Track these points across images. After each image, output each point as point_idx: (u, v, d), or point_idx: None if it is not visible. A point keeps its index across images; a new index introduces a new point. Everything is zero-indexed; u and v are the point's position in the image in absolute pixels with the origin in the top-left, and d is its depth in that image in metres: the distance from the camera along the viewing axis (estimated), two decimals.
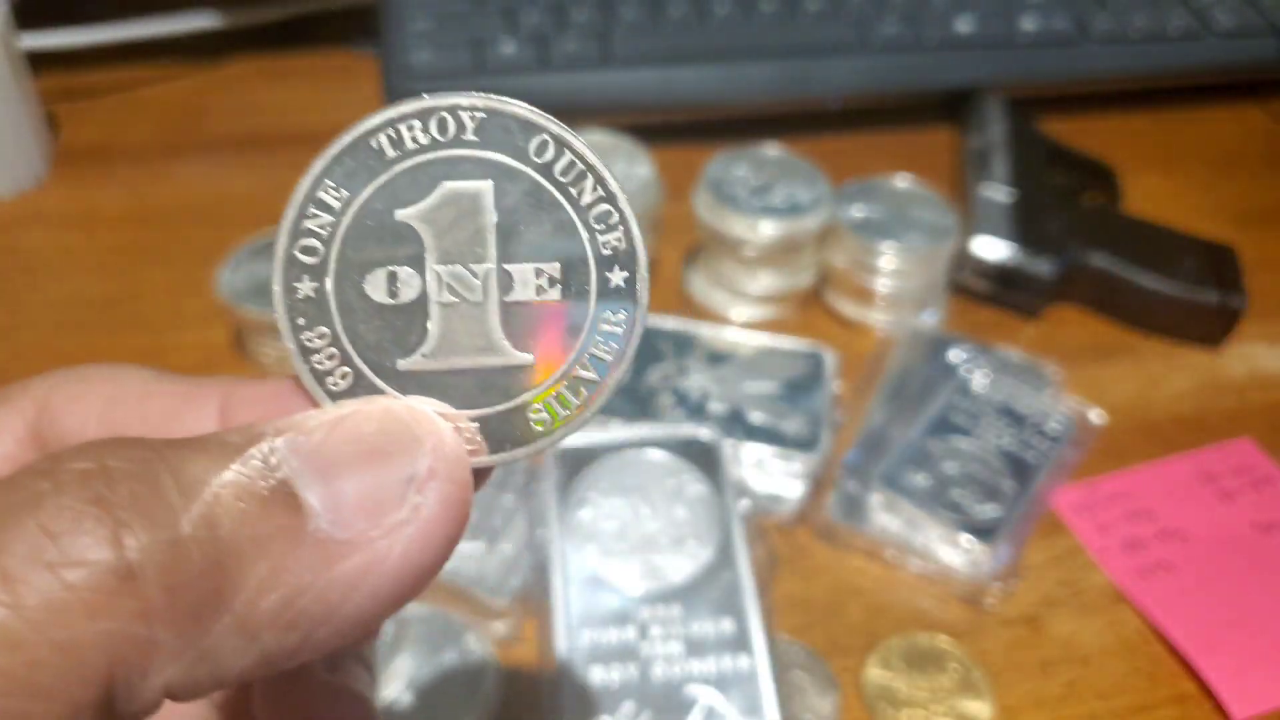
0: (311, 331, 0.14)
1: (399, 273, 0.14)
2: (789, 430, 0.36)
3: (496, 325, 0.14)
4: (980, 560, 0.33)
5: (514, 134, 0.14)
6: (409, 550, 0.12)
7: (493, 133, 0.14)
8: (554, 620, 0.29)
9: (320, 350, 0.14)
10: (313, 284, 0.14)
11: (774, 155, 0.43)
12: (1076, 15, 0.53)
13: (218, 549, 0.11)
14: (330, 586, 0.12)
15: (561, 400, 0.15)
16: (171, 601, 0.11)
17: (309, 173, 0.14)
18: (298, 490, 0.12)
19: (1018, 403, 0.38)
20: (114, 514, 0.11)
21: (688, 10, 0.51)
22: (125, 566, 0.11)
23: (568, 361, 0.15)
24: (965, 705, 0.30)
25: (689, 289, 0.43)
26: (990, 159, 0.47)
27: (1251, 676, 0.31)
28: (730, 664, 0.29)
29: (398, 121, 0.14)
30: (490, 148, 0.14)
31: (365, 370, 0.14)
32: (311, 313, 0.14)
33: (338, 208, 0.14)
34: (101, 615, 0.10)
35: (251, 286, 0.37)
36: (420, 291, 0.14)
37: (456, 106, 0.14)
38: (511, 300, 0.14)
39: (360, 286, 0.14)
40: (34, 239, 0.44)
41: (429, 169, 0.14)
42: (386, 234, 0.14)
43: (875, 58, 0.51)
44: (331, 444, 0.12)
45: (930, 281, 0.42)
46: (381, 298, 0.14)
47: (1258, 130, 0.56)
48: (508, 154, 0.14)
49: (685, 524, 0.32)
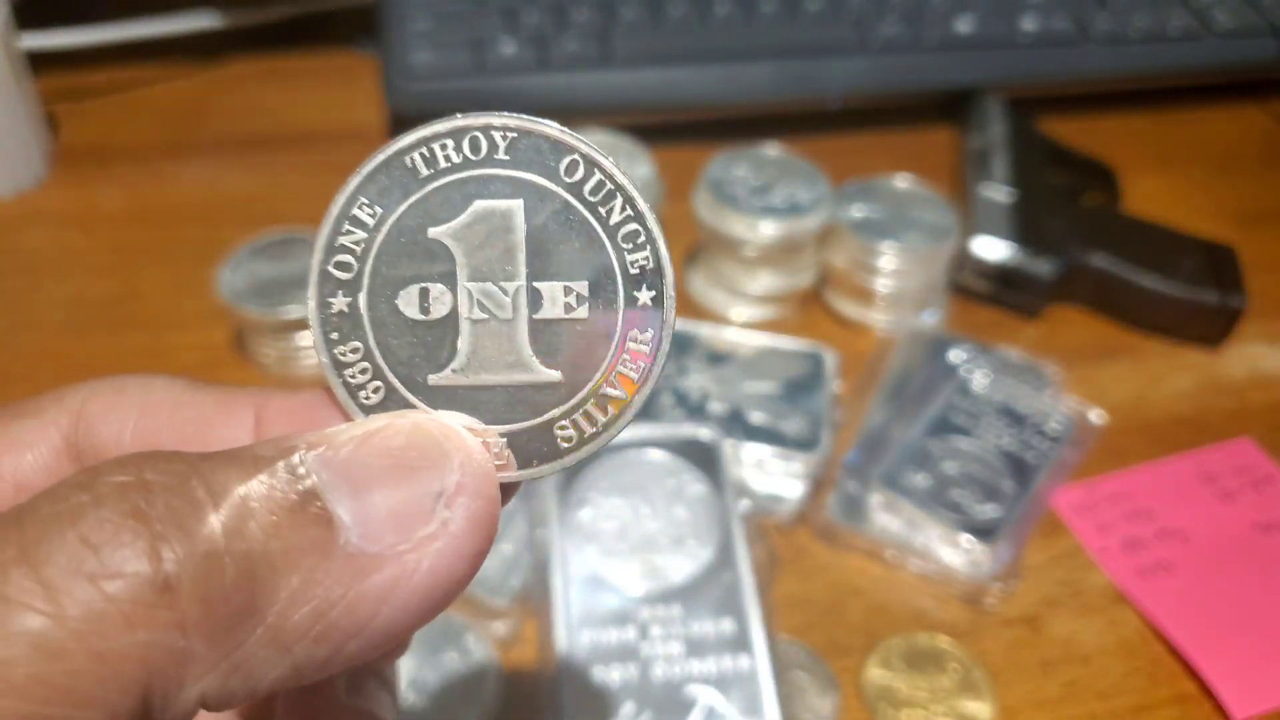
0: (345, 346, 0.15)
1: (431, 289, 0.15)
2: (789, 430, 0.36)
3: (525, 342, 0.15)
4: (980, 560, 0.33)
5: (545, 154, 0.14)
6: (437, 565, 0.12)
7: (524, 152, 0.14)
8: (554, 620, 0.29)
9: (353, 364, 0.15)
10: (346, 299, 0.15)
11: (774, 155, 0.43)
12: (1076, 15, 0.53)
13: (251, 561, 0.11)
14: (360, 600, 0.12)
15: (588, 417, 0.15)
16: (207, 613, 0.11)
17: (344, 189, 0.14)
18: (328, 504, 0.12)
19: (1018, 403, 0.38)
20: (151, 527, 0.11)
21: (688, 10, 0.51)
22: (162, 579, 0.11)
23: (595, 379, 0.15)
24: (965, 705, 0.30)
25: (689, 289, 0.43)
26: (990, 159, 0.47)
27: (1251, 676, 0.31)
28: (730, 664, 0.29)
29: (431, 140, 0.14)
30: (521, 167, 0.14)
31: (397, 385, 0.15)
32: (345, 327, 0.15)
33: (371, 224, 0.14)
34: (140, 626, 0.11)
35: (252, 286, 0.37)
36: (451, 308, 0.15)
37: (489, 126, 0.14)
38: (540, 317, 0.15)
39: (393, 302, 0.15)
40: (34, 239, 0.44)
41: (461, 187, 0.14)
42: (419, 251, 0.14)
43: (875, 58, 0.51)
44: (361, 458, 0.13)
45: (930, 281, 0.42)
46: (414, 314, 0.15)
47: (1257, 130, 0.56)
48: (538, 173, 0.14)
49: (685, 524, 0.32)
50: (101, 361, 0.39)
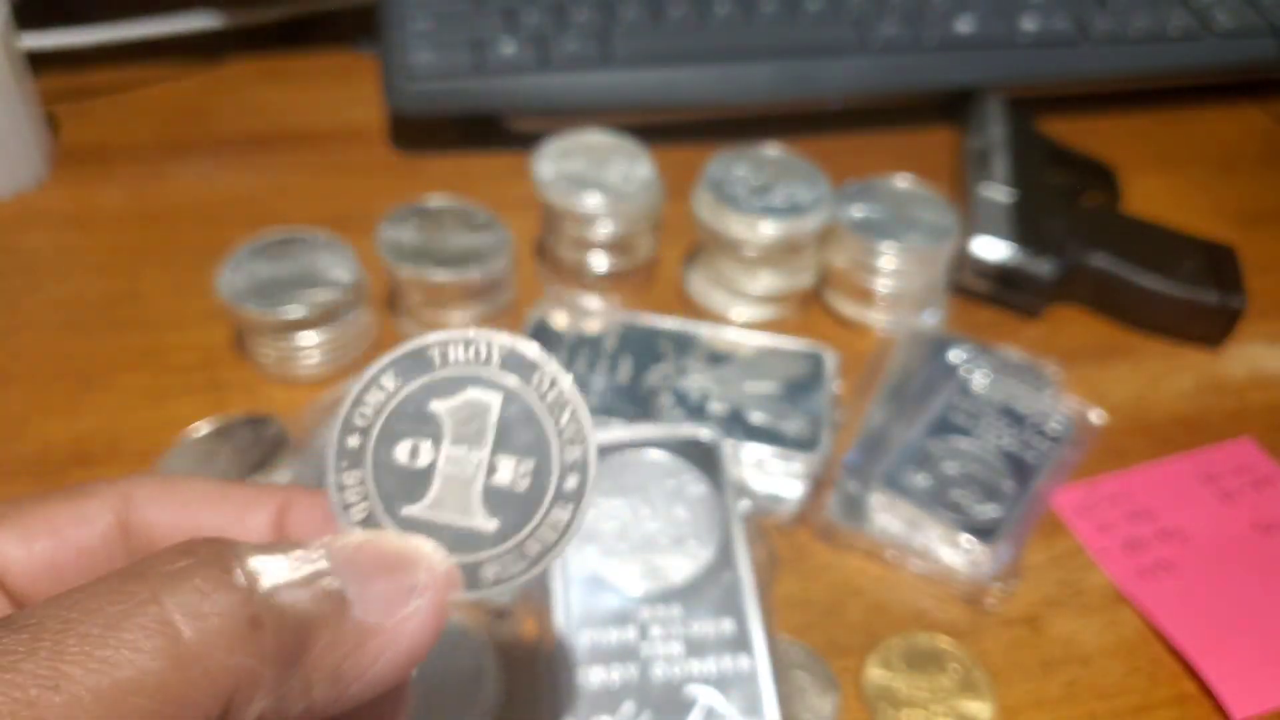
0: (349, 474, 0.19)
1: (421, 445, 0.19)
2: (789, 430, 0.36)
3: (478, 498, 0.19)
4: (980, 560, 0.33)
5: (524, 367, 0.20)
6: (412, 634, 0.18)
7: (511, 363, 0.20)
8: (554, 620, 0.29)
9: (351, 488, 0.19)
10: (358, 440, 0.19)
11: (774, 155, 0.43)
12: (1076, 16, 0.53)
13: (299, 619, 0.16)
14: (362, 654, 0.17)
15: (510, 563, 0.19)
16: (278, 649, 0.15)
17: (380, 360, 0.20)
18: (344, 588, 0.17)
19: (1018, 403, 0.38)
20: (240, 582, 0.15)
21: (688, 11, 0.51)
22: (255, 617, 0.15)
23: (520, 536, 0.19)
24: (966, 705, 0.30)
25: (689, 289, 0.43)
26: (990, 159, 0.47)
27: (1252, 676, 0.31)
28: (730, 664, 0.29)
29: (449, 343, 0.20)
30: (507, 372, 0.20)
31: (380, 509, 0.19)
32: (352, 460, 0.19)
33: (391, 390, 0.20)
34: (237, 651, 0.15)
35: (252, 286, 0.37)
36: (431, 461, 0.19)
37: (491, 341, 0.20)
38: (492, 482, 0.19)
39: (391, 449, 0.19)
40: (34, 239, 0.44)
41: (461, 379, 0.20)
42: (420, 417, 0.20)
43: (875, 58, 0.51)
44: (363, 557, 0.18)
45: (930, 282, 0.42)
46: (404, 460, 0.19)
47: (1258, 130, 0.56)
48: (517, 380, 0.20)
49: (685, 524, 0.32)
50: (101, 361, 0.39)
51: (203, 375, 0.39)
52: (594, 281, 0.42)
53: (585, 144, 0.42)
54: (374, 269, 0.40)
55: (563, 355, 0.39)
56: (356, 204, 0.46)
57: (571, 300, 0.41)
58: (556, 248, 0.42)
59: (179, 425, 0.36)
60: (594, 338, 0.39)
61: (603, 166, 0.41)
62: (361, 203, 0.46)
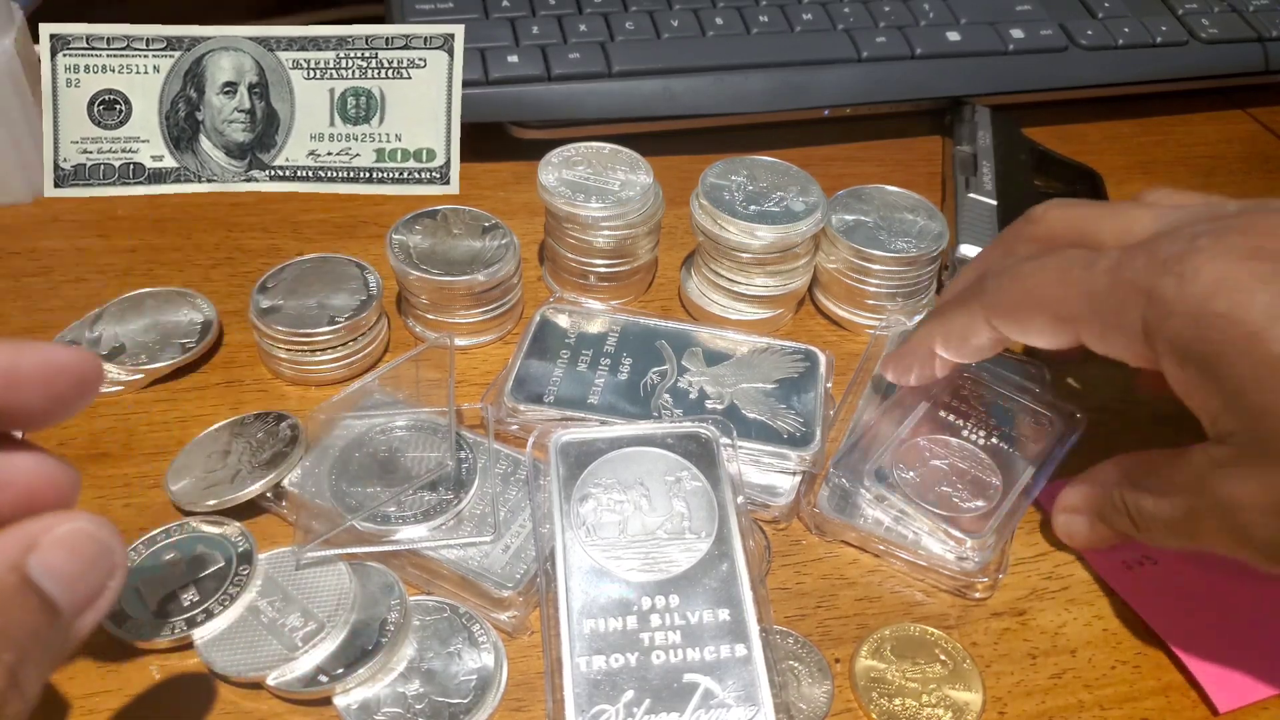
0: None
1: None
2: (783, 428, 0.37)
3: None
4: (969, 554, 0.34)
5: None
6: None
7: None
8: (558, 610, 0.30)
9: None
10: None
11: (769, 163, 0.44)
12: (1065, 25, 0.54)
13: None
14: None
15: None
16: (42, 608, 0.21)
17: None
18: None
19: (1007, 400, 0.39)
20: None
21: (687, 24, 0.52)
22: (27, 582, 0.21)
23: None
24: (955, 695, 0.31)
25: (687, 292, 0.44)
26: (977, 166, 0.48)
27: (1235, 668, 0.32)
28: (727, 652, 0.29)
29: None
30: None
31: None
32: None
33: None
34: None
35: (274, 306, 0.38)
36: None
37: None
38: None
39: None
40: (52, 242, 0.46)
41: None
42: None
43: (868, 68, 0.52)
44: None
45: (920, 285, 0.43)
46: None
47: (1243, 136, 0.57)
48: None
49: (684, 517, 0.33)
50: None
51: (218, 374, 0.40)
52: (595, 284, 0.43)
53: (587, 152, 0.43)
54: (383, 270, 0.41)
55: (566, 355, 0.40)
56: (367, 210, 0.48)
57: (574, 302, 0.43)
58: (560, 252, 0.43)
59: (193, 423, 0.37)
60: (596, 338, 0.40)
61: (604, 174, 0.42)
62: (371, 208, 0.48)
